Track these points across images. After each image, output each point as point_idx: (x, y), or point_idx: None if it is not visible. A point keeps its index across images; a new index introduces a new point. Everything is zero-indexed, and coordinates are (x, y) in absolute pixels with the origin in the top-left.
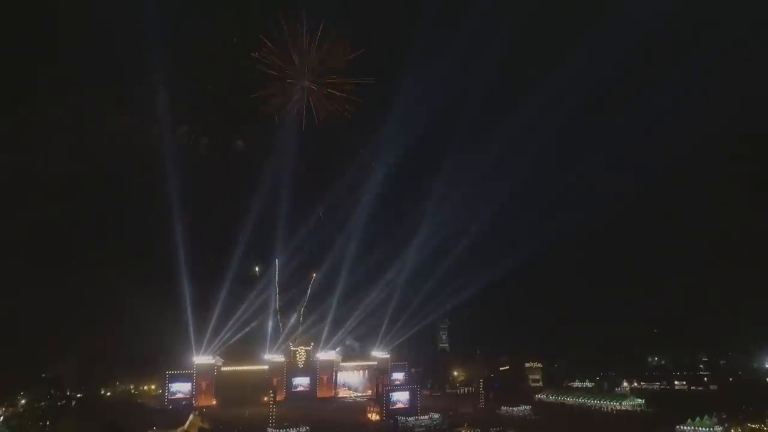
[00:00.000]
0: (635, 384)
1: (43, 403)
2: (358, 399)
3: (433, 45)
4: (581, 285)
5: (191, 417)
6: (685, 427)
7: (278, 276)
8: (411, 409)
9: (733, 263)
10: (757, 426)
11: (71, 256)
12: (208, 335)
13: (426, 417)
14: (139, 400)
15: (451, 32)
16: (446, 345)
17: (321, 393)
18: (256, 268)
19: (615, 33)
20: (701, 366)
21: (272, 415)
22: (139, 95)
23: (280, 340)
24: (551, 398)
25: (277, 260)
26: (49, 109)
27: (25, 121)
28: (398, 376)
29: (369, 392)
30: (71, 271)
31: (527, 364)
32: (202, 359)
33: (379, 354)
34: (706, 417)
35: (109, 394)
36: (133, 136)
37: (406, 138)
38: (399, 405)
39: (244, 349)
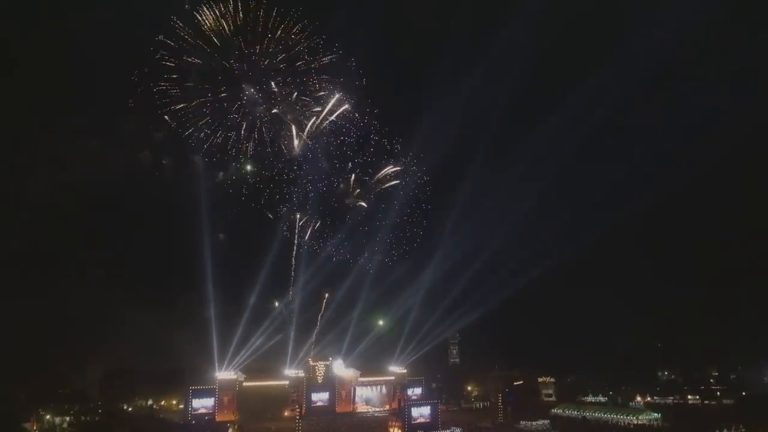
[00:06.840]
0: (648, 399)
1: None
2: (377, 414)
3: (461, 60)
4: (590, 302)
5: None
6: None
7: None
8: (432, 424)
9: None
10: None
11: (97, 273)
12: (230, 351)
13: (447, 431)
14: (161, 416)
15: (478, 48)
16: (457, 360)
17: (340, 408)
18: (276, 303)
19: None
20: (711, 380)
21: (298, 429)
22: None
23: (300, 356)
24: (567, 412)
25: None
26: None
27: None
28: (416, 391)
29: (387, 407)
30: (96, 288)
31: (540, 379)
32: (224, 375)
33: (397, 369)
34: (725, 431)
35: (130, 409)
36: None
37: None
38: (420, 419)
39: (265, 364)
